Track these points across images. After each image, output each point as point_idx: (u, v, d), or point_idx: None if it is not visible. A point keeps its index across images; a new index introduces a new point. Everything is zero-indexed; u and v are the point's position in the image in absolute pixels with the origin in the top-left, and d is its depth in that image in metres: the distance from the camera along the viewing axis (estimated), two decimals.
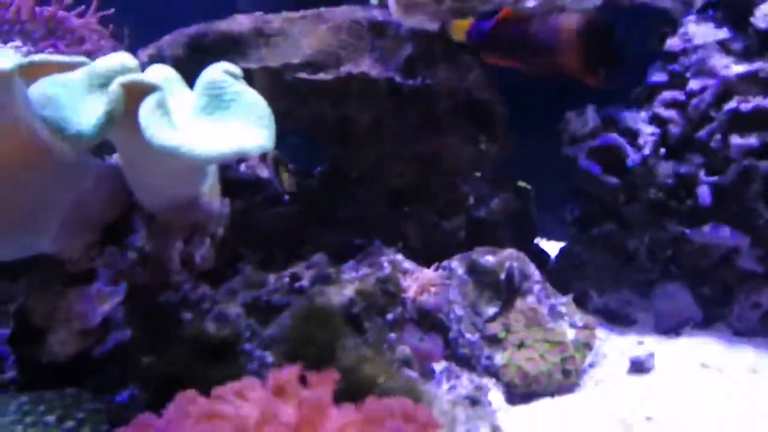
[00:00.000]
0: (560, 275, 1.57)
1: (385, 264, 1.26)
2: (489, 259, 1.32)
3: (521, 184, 1.74)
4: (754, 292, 1.34)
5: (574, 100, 1.56)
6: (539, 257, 1.67)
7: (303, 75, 1.39)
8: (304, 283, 1.27)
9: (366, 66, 1.38)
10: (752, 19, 1.33)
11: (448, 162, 1.47)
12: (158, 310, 0.94)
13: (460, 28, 1.39)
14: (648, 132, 1.43)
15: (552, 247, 1.75)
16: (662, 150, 1.41)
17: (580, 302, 1.53)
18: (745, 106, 1.28)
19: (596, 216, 1.54)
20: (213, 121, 0.97)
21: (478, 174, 1.49)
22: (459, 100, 1.43)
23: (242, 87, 1.01)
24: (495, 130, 1.49)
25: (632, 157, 1.44)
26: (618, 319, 1.49)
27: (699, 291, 1.40)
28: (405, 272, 1.30)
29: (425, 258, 1.36)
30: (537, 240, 1.77)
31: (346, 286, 1.16)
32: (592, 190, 1.52)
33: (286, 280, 1.28)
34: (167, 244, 0.95)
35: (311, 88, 1.40)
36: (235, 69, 1.04)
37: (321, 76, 1.39)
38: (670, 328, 1.40)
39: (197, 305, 0.96)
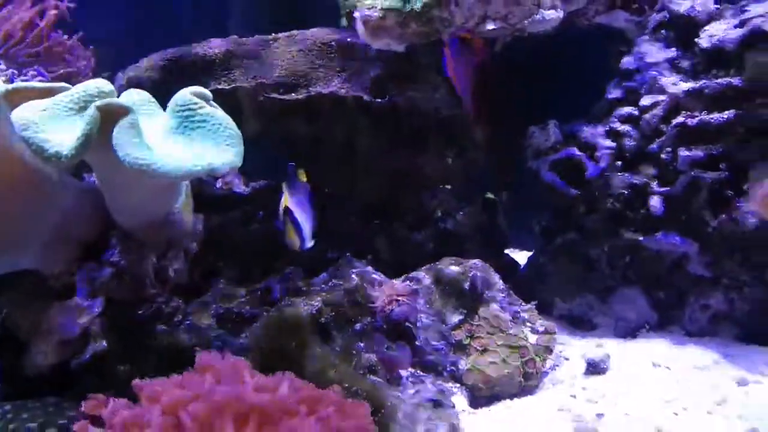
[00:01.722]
0: (527, 284, 1.64)
1: (353, 276, 1.32)
2: (453, 269, 1.39)
3: (489, 196, 1.82)
4: (703, 296, 1.41)
5: (540, 115, 1.65)
6: (508, 267, 1.74)
7: (275, 95, 1.46)
8: (276, 295, 1.34)
9: (335, 86, 1.45)
10: (697, 40, 1.41)
11: (417, 177, 1.54)
12: (134, 323, 1.00)
13: None
14: (605, 145, 1.51)
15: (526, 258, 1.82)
16: (618, 162, 1.49)
17: (546, 309, 1.61)
18: (691, 121, 1.37)
19: (559, 226, 1.62)
20: (185, 140, 1.03)
21: (446, 188, 1.57)
22: (426, 118, 1.50)
23: (211, 109, 1.07)
24: (462, 146, 1.56)
25: (591, 169, 1.52)
26: (581, 324, 1.56)
27: (654, 295, 1.48)
28: (374, 283, 1.36)
29: (395, 269, 1.43)
30: (511, 250, 1.85)
31: (315, 298, 1.22)
32: (555, 202, 1.60)
33: (258, 293, 1.35)
34: (142, 259, 1.01)
35: (284, 107, 1.47)
36: (205, 91, 1.10)
37: (293, 96, 1.46)
38: (628, 331, 1.47)
39: (171, 317, 1.02)
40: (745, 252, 1.35)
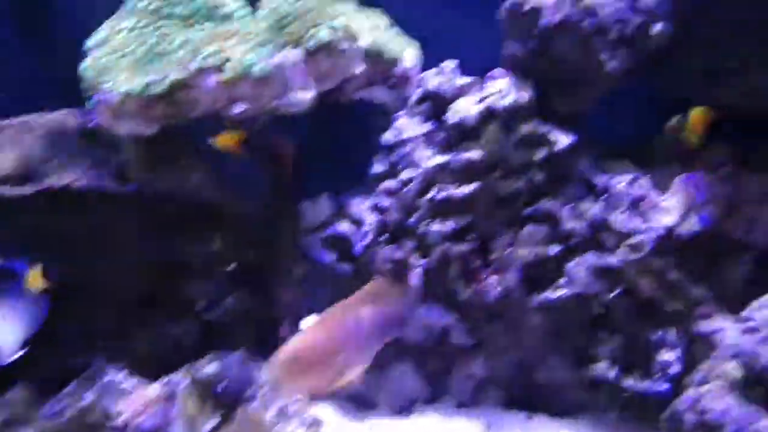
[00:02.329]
0: None
1: (89, 393, 1.20)
2: (210, 369, 1.30)
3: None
4: (467, 365, 1.43)
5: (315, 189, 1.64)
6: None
7: (3, 190, 1.32)
8: None
9: (73, 176, 1.35)
10: (445, 116, 1.47)
11: (178, 265, 1.45)
12: None
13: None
14: (370, 220, 1.52)
15: None
16: (382, 237, 1.50)
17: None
18: (441, 195, 1.40)
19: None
20: None
21: (211, 275, 1.49)
22: (182, 203, 1.43)
23: None
24: (228, 230, 1.50)
25: (358, 244, 1.52)
26: (363, 403, 1.52)
27: (425, 368, 1.48)
28: (122, 393, 1.25)
29: (155, 368, 1.32)
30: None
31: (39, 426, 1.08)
32: (329, 278, 1.58)
33: None
34: None
35: (15, 202, 1.33)
36: None
37: (26, 189, 1.33)
38: (404, 407, 1.46)
39: None
40: (499, 318, 1.39)
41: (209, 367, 1.31)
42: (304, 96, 1.39)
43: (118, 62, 1.37)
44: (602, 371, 1.23)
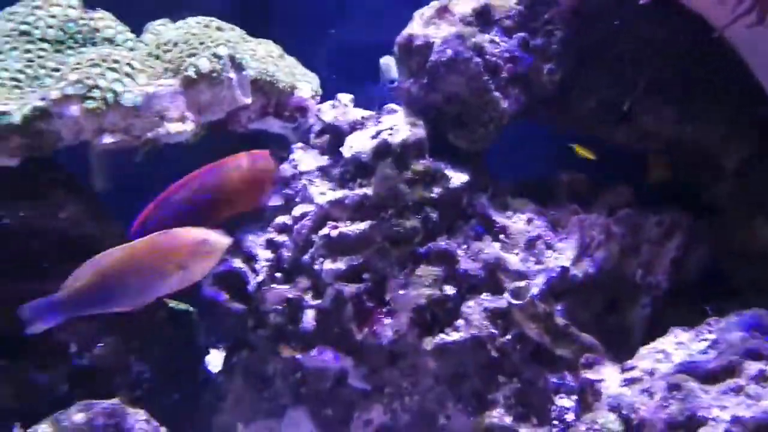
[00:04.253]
0: (208, 408, 1.49)
1: None
2: (75, 419, 1.18)
3: (180, 307, 1.65)
4: (365, 411, 1.36)
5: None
6: (199, 388, 1.58)
7: None
8: None
9: None
10: (341, 149, 1.42)
11: None
12: None
13: None
14: (264, 257, 1.44)
15: None
16: (278, 274, 1.42)
17: None
18: (333, 232, 1.34)
19: (234, 344, 1.50)
20: None
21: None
22: (51, 240, 1.30)
23: None
24: None
25: (251, 283, 1.44)
26: None
27: (322, 413, 1.40)
28: None
29: (22, 419, 1.20)
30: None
31: None
32: (222, 317, 1.48)
33: None
34: None
35: None
36: None
37: None
38: None
39: None
40: (396, 361, 1.34)
41: (76, 416, 1.20)
42: (182, 127, 1.31)
43: None
44: (498, 418, 1.19)
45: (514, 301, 1.15)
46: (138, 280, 1.17)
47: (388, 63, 1.57)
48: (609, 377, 1.06)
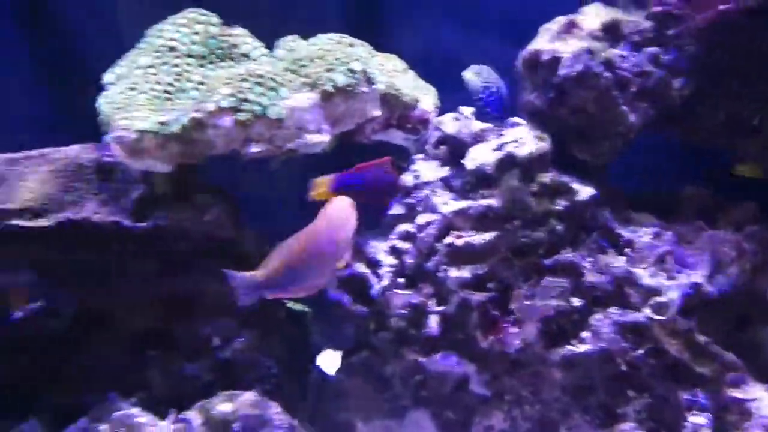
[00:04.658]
0: (328, 404, 1.56)
1: (102, 427, 1.17)
2: (223, 408, 1.27)
3: (297, 308, 1.73)
4: (486, 417, 1.40)
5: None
6: (314, 385, 1.65)
7: (18, 222, 1.30)
8: None
9: (90, 210, 1.33)
10: (463, 161, 1.46)
11: (192, 303, 1.43)
12: None
13: (320, 185, 1.47)
14: (388, 263, 1.50)
15: None
16: (400, 280, 1.47)
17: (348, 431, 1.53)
18: (459, 242, 1.39)
19: (355, 343, 1.57)
20: None
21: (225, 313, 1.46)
22: (197, 241, 1.41)
23: None
24: (243, 268, 1.47)
25: (375, 287, 1.49)
26: None
27: (443, 416, 1.44)
28: (135, 428, 1.22)
29: (170, 405, 1.31)
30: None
31: None
32: (346, 319, 1.55)
33: None
34: None
35: (32, 234, 1.31)
36: None
37: (40, 222, 1.31)
38: None
39: None
40: (520, 370, 1.36)
41: (223, 405, 1.28)
42: (320, 138, 1.38)
43: (135, 99, 1.36)
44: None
45: (656, 316, 1.16)
46: (318, 262, 1.26)
47: (471, 77, 1.60)
48: (760, 396, 1.04)
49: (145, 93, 1.38)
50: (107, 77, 1.45)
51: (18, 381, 1.39)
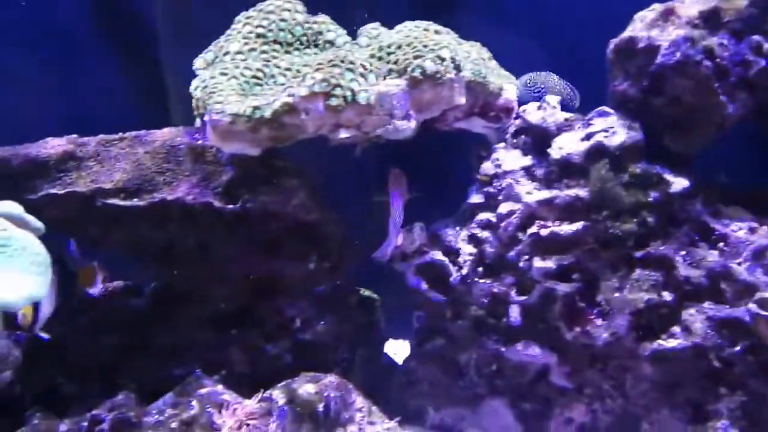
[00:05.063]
0: (400, 391, 1.58)
1: (193, 403, 1.21)
2: (307, 389, 1.28)
3: (367, 293, 1.75)
4: (567, 408, 1.38)
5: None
6: (385, 371, 1.67)
7: (115, 201, 1.35)
8: (104, 427, 1.19)
9: (182, 191, 1.36)
10: (549, 150, 1.44)
11: (275, 284, 1.46)
12: None
13: None
14: (467, 251, 1.49)
15: None
16: (480, 269, 1.47)
17: (420, 418, 1.54)
18: (543, 232, 1.37)
19: (429, 331, 1.57)
20: None
21: (306, 294, 1.49)
22: (284, 223, 1.43)
23: (14, 232, 0.95)
24: (326, 251, 1.49)
25: (454, 275, 1.49)
26: None
27: (520, 406, 1.44)
28: (222, 406, 1.25)
29: (251, 384, 1.32)
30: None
31: None
32: (422, 306, 1.56)
33: (85, 425, 1.20)
34: None
35: (127, 212, 1.36)
36: (12, 209, 0.99)
37: (135, 202, 1.36)
38: None
39: None
40: (604, 362, 1.34)
41: (307, 386, 1.30)
42: (407, 125, 1.38)
43: (226, 84, 1.39)
44: (723, 429, 1.17)
45: (762, 312, 1.12)
46: None
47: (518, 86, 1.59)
48: None
49: (236, 78, 1.40)
50: (197, 63, 1.48)
51: (106, 356, 1.45)
